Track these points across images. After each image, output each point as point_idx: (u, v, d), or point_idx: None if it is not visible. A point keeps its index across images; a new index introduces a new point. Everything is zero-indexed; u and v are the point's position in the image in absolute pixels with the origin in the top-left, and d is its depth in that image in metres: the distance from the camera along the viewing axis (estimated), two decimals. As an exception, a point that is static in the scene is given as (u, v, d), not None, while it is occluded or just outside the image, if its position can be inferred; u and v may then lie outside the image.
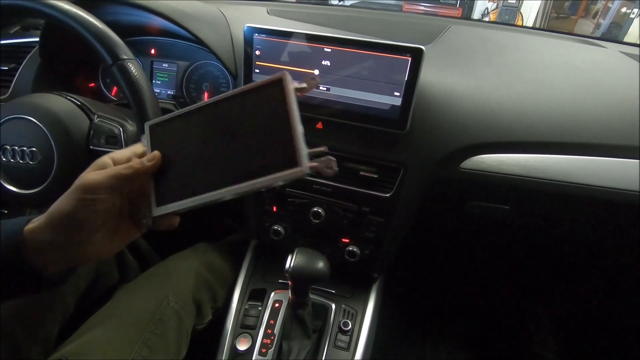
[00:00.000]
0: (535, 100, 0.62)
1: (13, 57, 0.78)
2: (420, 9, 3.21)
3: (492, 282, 1.20)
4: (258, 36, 0.61)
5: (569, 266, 1.08)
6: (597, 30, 4.08)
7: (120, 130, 0.54)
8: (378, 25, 0.87)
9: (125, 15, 0.71)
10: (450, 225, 0.87)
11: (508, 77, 0.66)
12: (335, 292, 0.73)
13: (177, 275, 0.70)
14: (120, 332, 0.58)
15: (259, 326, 0.68)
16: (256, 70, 0.64)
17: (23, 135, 0.54)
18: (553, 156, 0.60)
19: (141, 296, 0.65)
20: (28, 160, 0.54)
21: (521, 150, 0.60)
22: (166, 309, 0.63)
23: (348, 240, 0.71)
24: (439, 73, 0.65)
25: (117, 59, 0.50)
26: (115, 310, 0.61)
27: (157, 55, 0.81)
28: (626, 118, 0.60)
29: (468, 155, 0.61)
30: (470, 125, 0.61)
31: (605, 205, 0.61)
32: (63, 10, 0.50)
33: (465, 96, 0.63)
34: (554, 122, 0.61)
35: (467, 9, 3.47)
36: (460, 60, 0.70)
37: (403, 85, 0.57)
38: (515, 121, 0.61)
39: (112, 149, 0.54)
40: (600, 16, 4.41)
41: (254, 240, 0.81)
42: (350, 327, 0.68)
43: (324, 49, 0.59)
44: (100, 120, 0.56)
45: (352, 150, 0.65)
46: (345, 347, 0.66)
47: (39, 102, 0.55)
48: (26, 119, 0.54)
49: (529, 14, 3.94)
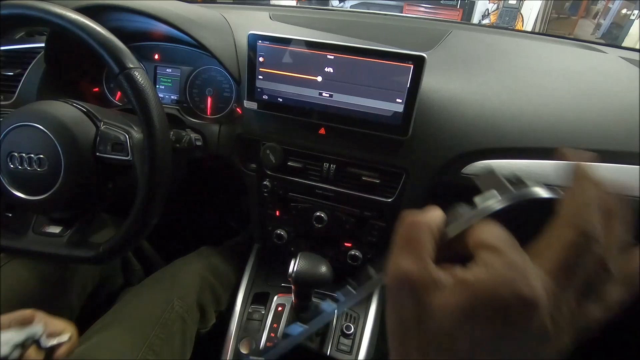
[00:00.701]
0: (536, 106, 0.63)
1: (18, 62, 0.78)
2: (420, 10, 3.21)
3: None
4: (262, 43, 0.62)
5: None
6: (598, 31, 4.09)
7: (126, 137, 0.55)
8: (380, 30, 0.88)
9: (130, 22, 0.72)
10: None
11: (509, 83, 0.66)
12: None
13: (182, 280, 0.70)
14: (125, 336, 0.59)
15: (262, 330, 0.68)
16: (260, 77, 0.64)
17: (30, 143, 0.55)
18: (554, 162, 0.60)
19: (146, 300, 0.66)
20: (35, 167, 0.55)
21: (522, 156, 0.61)
22: (171, 313, 0.64)
23: (350, 244, 0.72)
24: (440, 79, 0.65)
25: (123, 67, 0.50)
26: (121, 314, 0.62)
27: (160, 61, 0.82)
28: (627, 124, 0.61)
29: (470, 160, 0.62)
30: (471, 131, 0.62)
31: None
32: (70, 19, 0.51)
33: (466, 102, 0.63)
34: (555, 128, 0.61)
35: (468, 11, 3.48)
36: (461, 65, 0.71)
37: (405, 92, 0.58)
38: (517, 127, 0.61)
39: (119, 156, 0.55)
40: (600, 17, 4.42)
41: (257, 244, 0.82)
42: (353, 330, 0.69)
43: (327, 56, 0.60)
44: (106, 127, 0.56)
45: (354, 156, 0.65)
46: (348, 350, 0.67)
47: (46, 110, 0.56)
48: (33, 126, 0.54)
49: (529, 14, 3.95)
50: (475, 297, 0.18)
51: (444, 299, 0.19)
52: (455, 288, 0.19)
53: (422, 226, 0.22)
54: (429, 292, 0.19)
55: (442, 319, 0.19)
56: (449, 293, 0.19)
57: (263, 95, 0.66)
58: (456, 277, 0.20)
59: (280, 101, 0.65)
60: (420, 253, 0.21)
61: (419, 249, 0.21)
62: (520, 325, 0.18)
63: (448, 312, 0.19)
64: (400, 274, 0.21)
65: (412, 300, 0.20)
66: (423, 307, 0.19)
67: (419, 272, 0.20)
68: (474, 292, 0.18)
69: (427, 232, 0.22)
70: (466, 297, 0.18)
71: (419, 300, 0.20)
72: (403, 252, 0.21)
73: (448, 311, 0.19)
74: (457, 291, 0.19)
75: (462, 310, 0.18)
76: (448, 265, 0.21)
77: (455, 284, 0.19)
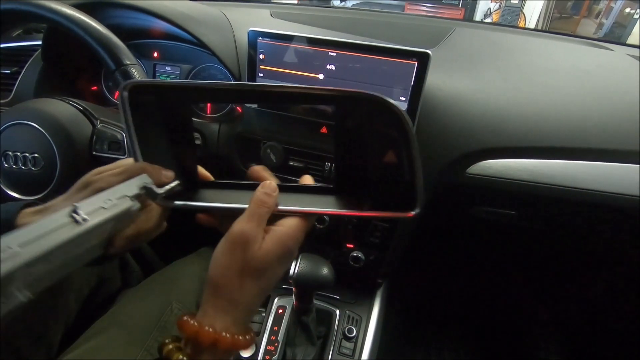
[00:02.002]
0: (542, 105, 0.62)
1: (15, 60, 0.77)
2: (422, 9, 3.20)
3: (497, 287, 1.19)
4: (262, 40, 0.61)
5: (575, 271, 1.07)
6: (600, 31, 4.06)
7: (123, 136, 0.54)
8: (382, 28, 0.86)
9: (128, 19, 0.71)
10: (455, 230, 0.86)
11: (514, 81, 0.65)
12: (340, 298, 0.73)
13: (181, 281, 0.69)
14: (123, 339, 0.57)
15: (262, 332, 0.67)
16: (260, 75, 0.63)
17: (25, 141, 0.53)
18: (560, 161, 0.59)
19: (144, 302, 0.64)
20: (30, 166, 0.53)
21: (528, 156, 0.60)
22: (169, 316, 0.63)
23: (353, 245, 0.71)
24: (444, 77, 0.64)
25: (120, 64, 0.49)
26: (119, 317, 0.61)
27: (160, 58, 0.80)
28: (635, 123, 0.60)
29: (474, 160, 0.61)
30: (476, 130, 0.60)
31: (613, 211, 0.60)
32: (66, 15, 0.49)
33: (471, 100, 0.62)
34: (561, 127, 0.60)
35: (470, 10, 3.46)
36: (466, 63, 0.69)
37: (409, 89, 0.57)
38: (522, 126, 0.60)
39: (115, 154, 0.54)
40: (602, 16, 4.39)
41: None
42: (355, 333, 0.67)
43: (329, 53, 0.58)
44: (103, 126, 0.55)
45: (357, 155, 0.64)
46: (350, 354, 0.66)
47: (41, 108, 0.54)
48: (28, 124, 0.53)
49: (531, 14, 3.93)
50: (286, 247, 0.32)
51: (262, 252, 0.31)
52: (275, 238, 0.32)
53: (269, 208, 0.33)
54: (253, 246, 0.31)
55: (261, 258, 0.31)
56: (268, 246, 0.32)
57: (263, 94, 0.64)
58: (268, 232, 0.32)
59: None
60: (261, 225, 0.32)
61: (262, 223, 0.32)
62: (290, 260, 0.34)
63: (265, 254, 0.31)
64: (244, 233, 0.31)
65: (242, 248, 0.31)
66: (250, 253, 0.31)
67: (255, 235, 0.31)
68: (285, 245, 0.32)
69: (269, 212, 0.33)
70: (283, 248, 0.32)
71: (247, 248, 0.31)
72: (252, 219, 0.32)
73: (265, 253, 0.31)
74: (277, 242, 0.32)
75: (275, 252, 0.32)
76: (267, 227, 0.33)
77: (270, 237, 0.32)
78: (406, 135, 0.30)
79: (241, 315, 0.32)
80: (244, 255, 0.31)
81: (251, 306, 0.33)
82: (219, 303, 0.31)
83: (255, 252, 0.31)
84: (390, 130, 0.31)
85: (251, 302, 0.32)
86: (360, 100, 0.31)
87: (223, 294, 0.31)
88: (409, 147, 0.30)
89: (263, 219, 0.32)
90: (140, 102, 0.33)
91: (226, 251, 0.32)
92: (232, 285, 0.31)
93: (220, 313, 0.31)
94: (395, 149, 0.32)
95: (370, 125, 0.33)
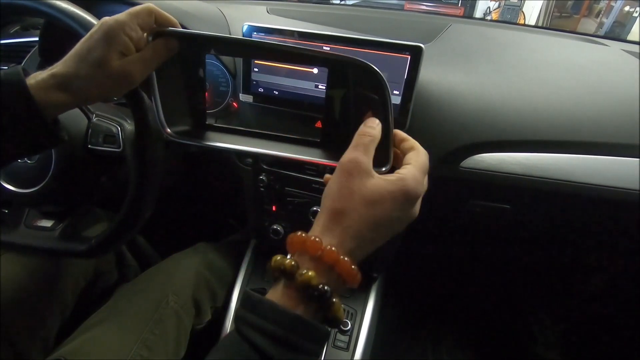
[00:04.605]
0: (536, 99, 0.62)
1: (13, 56, 0.78)
2: (422, 7, 3.19)
3: (493, 282, 1.20)
4: (257, 34, 0.61)
5: (571, 266, 1.07)
6: (600, 30, 4.05)
7: (118, 130, 0.54)
8: (379, 24, 0.87)
9: (125, 14, 0.71)
10: (450, 224, 0.86)
11: (509, 76, 0.65)
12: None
13: (177, 275, 0.70)
14: (119, 332, 0.58)
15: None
16: (255, 69, 0.64)
17: (21, 135, 0.54)
18: (554, 155, 0.59)
19: (141, 296, 0.65)
20: (26, 159, 0.54)
21: (522, 149, 0.60)
22: (165, 309, 0.63)
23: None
24: (439, 71, 0.64)
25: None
26: (115, 310, 0.61)
27: (156, 55, 0.81)
28: (628, 116, 0.60)
29: (468, 154, 0.61)
30: (470, 123, 0.60)
31: (607, 204, 0.60)
32: (61, 9, 0.50)
33: (465, 94, 0.62)
34: (555, 121, 0.60)
35: (469, 8, 3.45)
36: (460, 58, 0.70)
37: (402, 83, 0.57)
38: (516, 120, 0.60)
39: (110, 148, 0.54)
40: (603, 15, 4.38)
41: (253, 239, 0.81)
42: (350, 327, 0.68)
43: (323, 47, 0.59)
44: (98, 120, 0.55)
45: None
46: (345, 347, 0.66)
47: (37, 101, 0.55)
48: (24, 118, 0.53)
49: (531, 12, 3.92)
50: (402, 189, 0.32)
51: (376, 183, 0.32)
52: (390, 179, 0.33)
53: (373, 137, 0.34)
54: (367, 176, 0.32)
55: (372, 187, 0.32)
56: (382, 182, 0.32)
57: (259, 89, 0.65)
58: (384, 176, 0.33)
59: (275, 94, 0.64)
60: (368, 152, 0.33)
61: (368, 151, 0.33)
62: (411, 209, 0.34)
63: (376, 185, 0.32)
64: (354, 159, 0.33)
65: (352, 174, 0.32)
66: (361, 180, 0.32)
67: (365, 162, 0.33)
68: (403, 186, 0.32)
69: (373, 142, 0.34)
70: (398, 188, 0.32)
71: (357, 174, 0.32)
72: (358, 148, 0.33)
73: (376, 184, 0.32)
74: (391, 182, 0.32)
75: (391, 194, 0.32)
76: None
77: (391, 178, 0.33)
78: (384, 100, 0.36)
79: (354, 246, 0.31)
80: (355, 181, 0.32)
81: (366, 241, 0.32)
82: (336, 229, 0.31)
83: (366, 180, 0.32)
84: (372, 94, 0.36)
85: (366, 235, 0.32)
86: (351, 65, 0.37)
87: (339, 220, 0.31)
88: (385, 110, 0.36)
89: (367, 147, 0.33)
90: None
91: (337, 179, 0.33)
92: (348, 207, 0.31)
93: (336, 239, 0.31)
94: (374, 110, 0.37)
95: (356, 87, 0.38)
